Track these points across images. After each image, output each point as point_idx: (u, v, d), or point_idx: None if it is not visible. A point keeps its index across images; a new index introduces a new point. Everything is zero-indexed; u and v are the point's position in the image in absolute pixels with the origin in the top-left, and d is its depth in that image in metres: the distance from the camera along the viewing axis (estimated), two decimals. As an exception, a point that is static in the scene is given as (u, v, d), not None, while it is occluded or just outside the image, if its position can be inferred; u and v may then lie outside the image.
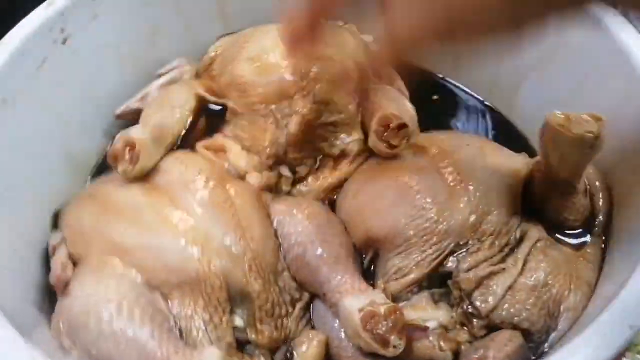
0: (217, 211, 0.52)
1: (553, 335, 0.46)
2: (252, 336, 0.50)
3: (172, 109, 0.61)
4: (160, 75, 0.69)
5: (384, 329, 0.43)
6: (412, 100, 0.63)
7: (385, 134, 0.55)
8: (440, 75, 0.73)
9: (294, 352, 0.49)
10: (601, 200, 0.53)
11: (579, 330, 0.43)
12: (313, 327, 0.51)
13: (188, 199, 0.53)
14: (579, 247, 0.51)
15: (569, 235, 0.52)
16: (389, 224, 0.50)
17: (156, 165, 0.56)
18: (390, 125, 0.55)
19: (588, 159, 0.46)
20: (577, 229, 0.52)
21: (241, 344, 0.50)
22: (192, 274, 0.49)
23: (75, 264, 0.52)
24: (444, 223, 0.49)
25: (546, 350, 0.46)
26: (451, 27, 0.39)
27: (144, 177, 0.56)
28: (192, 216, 0.51)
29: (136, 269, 0.50)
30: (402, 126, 0.55)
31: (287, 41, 0.50)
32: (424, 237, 0.49)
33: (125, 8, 0.66)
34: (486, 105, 0.71)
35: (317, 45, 0.50)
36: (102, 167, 0.66)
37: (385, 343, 0.43)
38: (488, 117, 0.70)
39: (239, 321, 0.50)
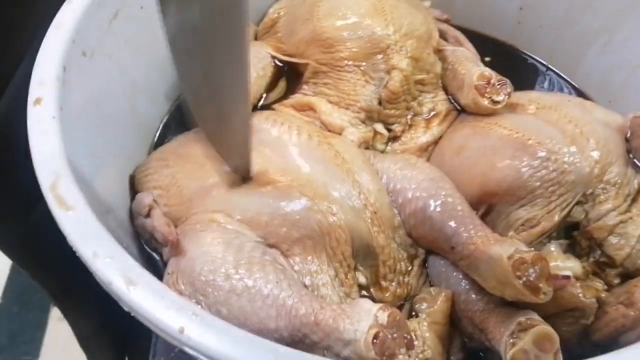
0: (330, 166, 0.49)
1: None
2: (376, 294, 0.48)
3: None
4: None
5: (533, 275, 0.42)
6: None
7: (488, 89, 0.55)
8: (500, 39, 0.73)
9: (418, 309, 0.47)
10: None
11: None
12: (431, 284, 0.50)
13: (294, 156, 0.50)
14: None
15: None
16: (511, 177, 0.49)
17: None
18: (491, 81, 0.55)
19: None
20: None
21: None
22: (315, 227, 0.46)
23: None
24: (571, 173, 0.48)
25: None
26: None
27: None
28: (305, 171, 0.49)
29: (249, 226, 0.47)
30: (502, 82, 0.55)
31: None
32: (550, 188, 0.48)
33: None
34: (548, 67, 0.71)
35: None
36: (166, 129, 0.62)
37: (536, 290, 0.42)
38: (550, 79, 0.70)
39: (362, 279, 0.48)
